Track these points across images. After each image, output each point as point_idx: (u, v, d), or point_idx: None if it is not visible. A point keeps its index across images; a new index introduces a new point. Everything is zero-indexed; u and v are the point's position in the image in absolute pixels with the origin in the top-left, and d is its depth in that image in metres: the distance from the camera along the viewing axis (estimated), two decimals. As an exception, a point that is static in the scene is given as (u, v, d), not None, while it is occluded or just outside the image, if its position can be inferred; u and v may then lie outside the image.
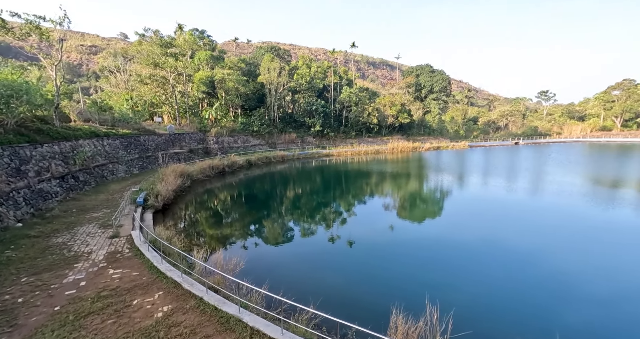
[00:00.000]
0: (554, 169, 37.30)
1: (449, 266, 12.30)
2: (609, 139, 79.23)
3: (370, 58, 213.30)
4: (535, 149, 63.10)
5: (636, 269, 11.79)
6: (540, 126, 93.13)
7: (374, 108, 66.82)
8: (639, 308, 9.25)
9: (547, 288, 10.44)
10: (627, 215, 19.06)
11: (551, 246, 14.21)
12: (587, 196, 24.13)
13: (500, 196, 24.64)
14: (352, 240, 15.29)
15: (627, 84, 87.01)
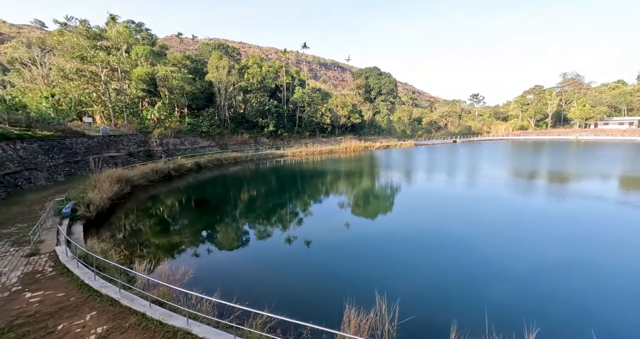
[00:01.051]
0: (485, 164, 42.09)
1: (397, 257, 13.02)
2: (526, 137, 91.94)
3: (322, 59, 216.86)
4: (470, 147, 70.40)
5: (552, 250, 13.79)
6: (473, 125, 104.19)
7: (327, 108, 68.11)
8: (557, 282, 10.83)
9: (480, 270, 11.69)
10: (541, 202, 22.29)
11: (484, 233, 15.95)
12: (510, 186, 27.69)
13: (442, 190, 26.99)
14: (308, 240, 15.32)
15: (538, 90, 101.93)
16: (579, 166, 38.14)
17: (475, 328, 7.33)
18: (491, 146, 70.02)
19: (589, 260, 12.38)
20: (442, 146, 74.67)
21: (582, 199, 22.65)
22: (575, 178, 30.74)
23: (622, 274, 11.03)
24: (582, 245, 13.99)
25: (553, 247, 13.72)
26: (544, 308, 8.95)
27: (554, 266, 11.88)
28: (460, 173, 35.00)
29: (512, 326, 7.30)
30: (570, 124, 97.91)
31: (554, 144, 71.99)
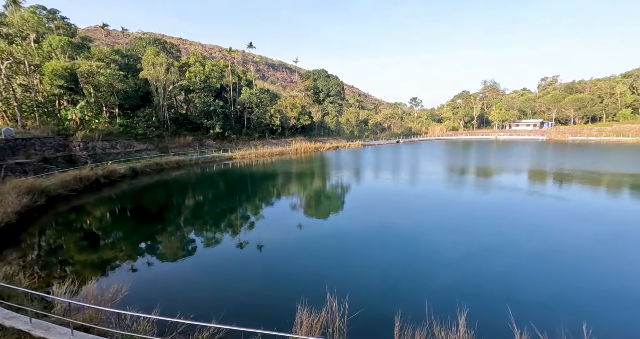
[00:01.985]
0: (424, 162, 45.97)
1: (347, 254, 13.41)
2: (457, 137, 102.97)
3: (270, 60, 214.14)
4: (412, 146, 76.23)
5: (481, 236, 15.56)
6: (414, 126, 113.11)
7: (276, 110, 67.36)
8: (486, 263, 12.24)
9: (421, 259, 12.70)
10: (471, 194, 25.11)
11: (424, 225, 17.38)
12: (445, 181, 30.67)
13: (388, 187, 28.67)
14: (260, 244, 14.88)
15: (465, 95, 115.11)
16: (498, 162, 44.02)
17: (417, 314, 7.87)
18: (429, 146, 76.76)
19: (509, 243, 14.28)
20: (387, 146, 79.43)
21: (502, 190, 26.14)
22: (496, 172, 35.37)
23: (537, 254, 12.94)
24: (504, 230, 16.11)
25: (482, 233, 15.52)
26: (474, 288, 10.06)
27: (483, 250, 13.43)
28: (403, 171, 37.61)
29: (448, 308, 8.00)
30: (491, 125, 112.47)
31: (479, 142, 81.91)
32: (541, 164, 40.33)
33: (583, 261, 12.18)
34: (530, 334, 6.57)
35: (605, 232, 15.34)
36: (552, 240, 14.33)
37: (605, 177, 29.97)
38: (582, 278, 10.75)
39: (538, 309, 8.53)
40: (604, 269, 11.43)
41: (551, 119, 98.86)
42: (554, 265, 11.69)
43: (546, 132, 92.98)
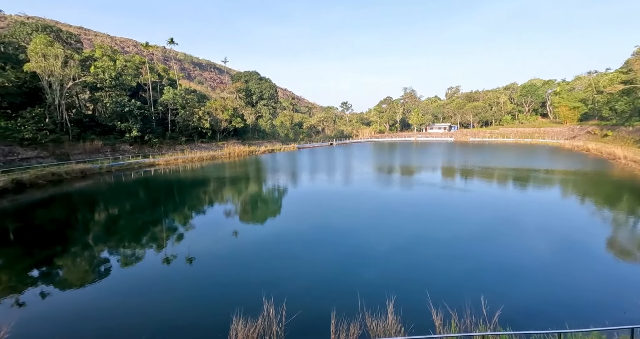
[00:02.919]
0: (356, 162, 48.84)
1: (284, 258, 13.37)
2: (384, 139, 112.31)
3: (196, 59, 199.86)
4: (344, 148, 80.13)
5: (405, 229, 17.20)
6: (345, 129, 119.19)
7: (205, 112, 63.13)
8: (408, 253, 13.55)
9: (353, 256, 13.46)
10: (397, 191, 27.64)
11: (356, 223, 18.42)
12: (375, 180, 33.12)
13: (323, 188, 29.56)
14: (190, 256, 13.69)
15: (389, 100, 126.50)
16: (417, 161, 49.55)
17: (351, 308, 8.29)
18: (360, 147, 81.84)
19: (428, 233, 16.16)
20: (322, 148, 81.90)
21: (421, 186, 29.50)
22: (416, 170, 39.73)
23: (450, 241, 14.92)
24: (424, 222, 18.17)
25: (406, 226, 17.21)
26: (400, 277, 11.10)
27: (407, 241, 14.91)
28: (338, 172, 39.27)
29: (378, 299, 8.63)
30: (411, 128, 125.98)
31: (402, 144, 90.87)
32: (451, 162, 46.84)
33: (484, 243, 14.56)
34: (444, 312, 7.54)
35: (501, 218, 18.64)
36: (461, 228, 16.76)
37: (496, 172, 36.44)
38: (483, 258, 12.83)
39: (450, 290, 9.87)
40: (499, 250, 13.86)
41: (457, 123, 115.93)
42: (462, 249, 13.68)
43: (453, 134, 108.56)
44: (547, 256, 13.02)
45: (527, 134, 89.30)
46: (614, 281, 10.57)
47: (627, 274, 11.39)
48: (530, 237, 15.21)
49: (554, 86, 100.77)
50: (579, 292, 10.12)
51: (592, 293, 9.98)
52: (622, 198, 23.34)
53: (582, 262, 12.47)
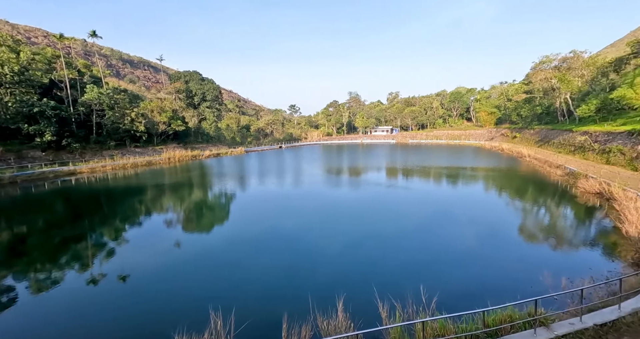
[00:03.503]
0: (306, 165, 49.25)
1: (231, 266, 12.84)
2: (332, 141, 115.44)
3: (126, 55, 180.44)
4: (294, 151, 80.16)
5: (354, 226, 17.87)
6: (294, 132, 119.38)
7: (139, 113, 57.30)
8: (355, 250, 14.11)
9: (304, 258, 13.55)
10: (345, 191, 28.61)
11: (307, 224, 18.57)
12: (325, 181, 33.82)
13: (274, 191, 29.13)
14: (123, 274, 12.24)
15: (335, 104, 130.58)
16: (364, 162, 52.05)
17: (302, 311, 8.32)
18: (309, 150, 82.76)
19: (374, 230, 17.05)
20: (271, 151, 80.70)
21: (368, 185, 31.05)
22: (364, 171, 41.68)
23: (393, 236, 15.94)
24: (371, 220, 19.12)
25: (354, 225, 17.91)
26: (349, 275, 11.52)
27: (355, 239, 15.52)
28: (288, 174, 39.08)
29: (328, 298, 8.77)
30: (357, 131, 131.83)
31: (349, 146, 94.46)
32: (394, 163, 50.25)
33: (424, 236, 15.91)
34: (389, 304, 8.04)
35: (437, 212, 20.56)
36: (404, 223, 18.07)
37: (432, 170, 40.19)
38: (422, 250, 14.01)
39: (394, 282, 10.57)
40: (436, 241, 15.28)
41: (397, 126, 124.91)
42: (405, 243, 14.76)
43: (395, 136, 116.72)
44: (475, 244, 14.80)
45: (455, 136, 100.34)
46: (524, 261, 12.48)
47: (533, 254, 13.55)
48: (461, 228, 17.10)
49: (475, 93, 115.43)
50: (499, 273, 11.71)
51: (508, 272, 11.64)
52: (528, 190, 27.72)
53: (501, 247, 14.47)
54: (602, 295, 8.66)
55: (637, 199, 17.47)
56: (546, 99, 65.92)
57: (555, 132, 54.42)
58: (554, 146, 49.94)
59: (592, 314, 7.72)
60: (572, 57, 61.02)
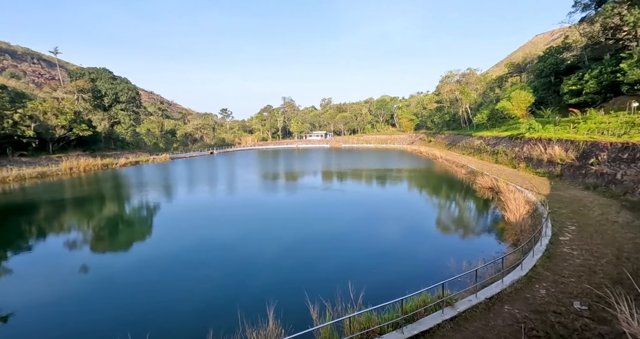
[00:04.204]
0: (241, 171, 47.42)
1: (151, 285, 11.63)
2: (267, 146, 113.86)
3: (4, 44, 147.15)
4: (226, 157, 76.37)
5: (288, 233, 17.85)
6: (227, 137, 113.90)
7: (26, 115, 47.20)
8: (288, 258, 14.12)
9: (234, 270, 13.04)
10: (282, 196, 28.47)
11: (240, 233, 17.88)
12: (260, 187, 33.10)
13: (206, 200, 27.22)
14: (3, 313, 9.84)
15: (269, 109, 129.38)
16: (300, 166, 52.69)
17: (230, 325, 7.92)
18: (243, 155, 79.95)
19: (307, 234, 17.37)
20: (201, 157, 75.34)
21: (304, 189, 31.50)
22: (300, 175, 42.15)
23: (324, 238, 16.44)
24: (305, 224, 19.44)
25: (289, 230, 17.94)
26: (280, 282, 11.49)
27: (286, 245, 15.56)
28: (220, 182, 36.99)
29: (259, 308, 8.48)
30: (293, 136, 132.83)
31: (285, 150, 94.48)
32: (328, 166, 52.11)
33: (354, 236, 16.86)
34: (320, 305, 8.29)
35: (367, 212, 22.00)
36: (336, 224, 18.85)
37: (364, 172, 42.97)
38: (352, 249, 14.84)
39: (325, 283, 10.94)
40: (365, 239, 16.35)
41: (331, 131, 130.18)
42: (336, 244, 15.42)
43: (329, 141, 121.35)
44: (397, 238, 16.33)
45: (383, 141, 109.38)
46: (435, 250, 14.31)
47: (442, 243, 15.64)
48: (386, 225, 18.69)
49: (397, 101, 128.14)
50: (416, 262, 13.16)
51: (423, 261, 13.19)
52: (441, 187, 31.89)
53: (418, 239, 16.30)
54: (491, 273, 10.48)
55: (515, 192, 21.71)
56: (452, 108, 77.10)
57: (460, 137, 63.92)
58: (460, 148, 58.63)
59: (484, 289, 9.27)
60: (469, 73, 72.81)
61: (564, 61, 45.10)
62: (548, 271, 10.20)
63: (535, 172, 29.54)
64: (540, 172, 28.91)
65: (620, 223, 14.33)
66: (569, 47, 46.14)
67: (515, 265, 10.61)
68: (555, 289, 9.07)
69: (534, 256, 11.26)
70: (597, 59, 37.16)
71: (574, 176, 24.69)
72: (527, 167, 31.78)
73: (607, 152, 22.15)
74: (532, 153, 31.91)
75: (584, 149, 25.04)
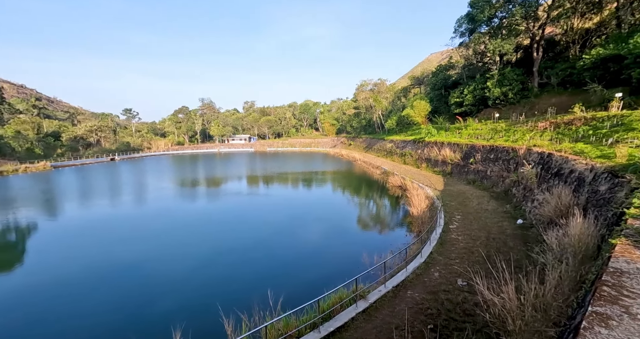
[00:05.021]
0: (152, 179, 41.89)
1: (30, 323, 9.23)
2: (184, 151, 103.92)
3: None
4: (132, 164, 66.53)
5: (209, 246, 16.51)
6: (132, 141, 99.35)
7: None
8: (206, 273, 13.06)
9: (135, 291, 11.44)
10: (203, 204, 26.23)
11: (148, 251, 15.75)
12: (177, 196, 29.83)
13: (106, 214, 22.98)
14: None
15: (185, 110, 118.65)
16: (223, 171, 49.65)
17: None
18: (155, 162, 70.99)
19: (227, 244, 16.41)
20: (99, 165, 63.74)
21: (227, 196, 29.74)
22: (223, 181, 39.65)
23: (248, 247, 15.80)
24: (227, 233, 18.31)
25: (207, 241, 16.62)
26: (191, 298, 10.57)
27: (204, 257, 14.42)
28: (125, 191, 31.88)
29: (163, 334, 7.67)
30: (213, 140, 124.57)
31: (205, 155, 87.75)
32: (253, 170, 50.53)
33: (276, 242, 16.67)
34: (235, 317, 7.89)
35: (292, 216, 22.04)
36: (258, 231, 18.34)
37: (290, 176, 43.13)
38: (273, 255, 14.66)
39: (241, 294, 10.49)
40: (287, 244, 16.34)
41: (255, 135, 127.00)
42: (257, 252, 14.99)
43: (253, 145, 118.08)
44: (318, 239, 16.87)
45: (307, 144, 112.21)
46: (351, 247, 15.30)
47: (358, 240, 16.86)
48: (308, 227, 19.10)
49: (320, 106, 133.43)
50: (335, 261, 13.81)
51: (341, 259, 13.95)
52: (360, 187, 34.43)
53: (337, 238, 17.17)
54: (398, 262, 11.77)
55: (418, 189, 25.02)
56: (368, 114, 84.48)
57: (375, 141, 70.38)
58: (375, 151, 64.52)
59: (392, 279, 10.32)
60: (380, 83, 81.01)
61: (450, 77, 54.40)
62: (441, 256, 12.00)
63: (434, 171, 34.66)
64: (437, 171, 34.05)
65: (490, 210, 17.94)
66: (453, 66, 55.87)
67: (417, 254, 12.15)
68: (445, 270, 10.73)
69: (431, 244, 13.11)
70: (472, 77, 45.96)
71: (460, 173, 29.86)
72: (427, 167, 37.01)
73: (481, 153, 27.54)
74: (431, 154, 37.36)
75: (466, 151, 30.56)
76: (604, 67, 25.29)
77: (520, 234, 13.62)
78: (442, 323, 7.80)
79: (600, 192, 10.22)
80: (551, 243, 8.51)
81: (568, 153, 15.86)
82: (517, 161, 21.16)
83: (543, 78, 35.28)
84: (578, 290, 5.17)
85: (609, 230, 6.82)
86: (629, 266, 3.43)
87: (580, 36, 34.98)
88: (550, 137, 21.54)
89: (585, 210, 10.19)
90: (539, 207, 13.96)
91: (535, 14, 35.52)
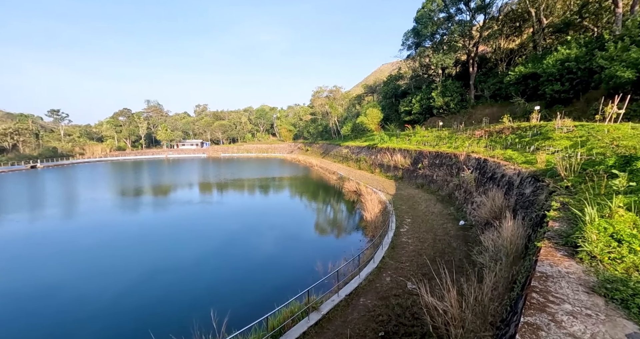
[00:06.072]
0: (85, 189, 36.97)
1: None
2: (125, 157, 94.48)
3: None
4: (60, 172, 58.36)
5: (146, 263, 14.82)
6: (60, 146, 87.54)
7: None
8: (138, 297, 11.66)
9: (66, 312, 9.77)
10: (148, 214, 23.70)
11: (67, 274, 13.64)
12: (116, 207, 26.59)
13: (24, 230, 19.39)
14: None
15: (127, 113, 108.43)
16: (171, 179, 45.91)
17: None
18: (88, 169, 63.14)
19: (163, 263, 14.95)
20: (13, 174, 54.63)
21: (174, 205, 27.37)
22: (170, 189, 36.55)
23: (192, 264, 14.53)
24: (168, 249, 16.69)
25: (138, 261, 14.93)
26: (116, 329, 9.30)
27: (136, 278, 12.90)
28: (47, 204, 27.49)
29: None
30: (161, 145, 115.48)
31: (150, 162, 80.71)
32: (206, 177, 47.61)
33: (224, 254, 15.63)
34: None
35: (244, 225, 20.97)
36: (205, 244, 17.06)
37: (245, 182, 41.46)
38: (212, 271, 13.67)
39: (179, 317, 9.50)
40: (236, 256, 15.43)
41: (208, 140, 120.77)
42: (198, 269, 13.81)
43: (206, 150, 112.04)
44: (271, 250, 16.23)
45: (263, 150, 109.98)
46: (306, 256, 14.96)
47: (313, 248, 16.61)
48: (262, 237, 18.33)
49: (277, 112, 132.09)
50: (287, 273, 13.34)
51: (294, 270, 13.54)
52: (317, 193, 34.40)
53: (291, 248, 16.71)
54: (352, 269, 11.75)
55: (372, 193, 25.75)
56: (324, 120, 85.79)
57: (331, 146, 71.53)
58: (332, 156, 65.52)
59: (346, 287, 10.20)
60: (335, 90, 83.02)
61: (400, 87, 57.85)
62: (392, 259, 12.27)
63: (386, 176, 36.14)
64: (390, 176, 35.58)
65: (436, 213, 19.08)
66: (402, 77, 59.56)
67: (369, 259, 12.26)
68: (396, 274, 10.95)
69: (383, 248, 13.38)
70: (419, 87, 49.43)
71: (410, 177, 31.55)
72: (380, 172, 38.49)
73: (428, 159, 29.44)
74: (384, 160, 38.98)
75: (415, 156, 32.45)
76: (525, 83, 28.97)
77: (462, 235, 14.61)
78: (393, 329, 7.84)
79: (526, 195, 11.38)
80: (487, 245, 9.16)
81: (500, 159, 17.61)
82: (458, 166, 22.95)
83: (478, 91, 39.28)
84: (511, 290, 5.50)
85: (534, 230, 7.50)
86: (552, 269, 3.66)
87: (506, 55, 39.82)
88: (485, 144, 23.84)
89: (515, 212, 11.26)
90: (477, 209, 15.16)
91: (470, 33, 39.59)
